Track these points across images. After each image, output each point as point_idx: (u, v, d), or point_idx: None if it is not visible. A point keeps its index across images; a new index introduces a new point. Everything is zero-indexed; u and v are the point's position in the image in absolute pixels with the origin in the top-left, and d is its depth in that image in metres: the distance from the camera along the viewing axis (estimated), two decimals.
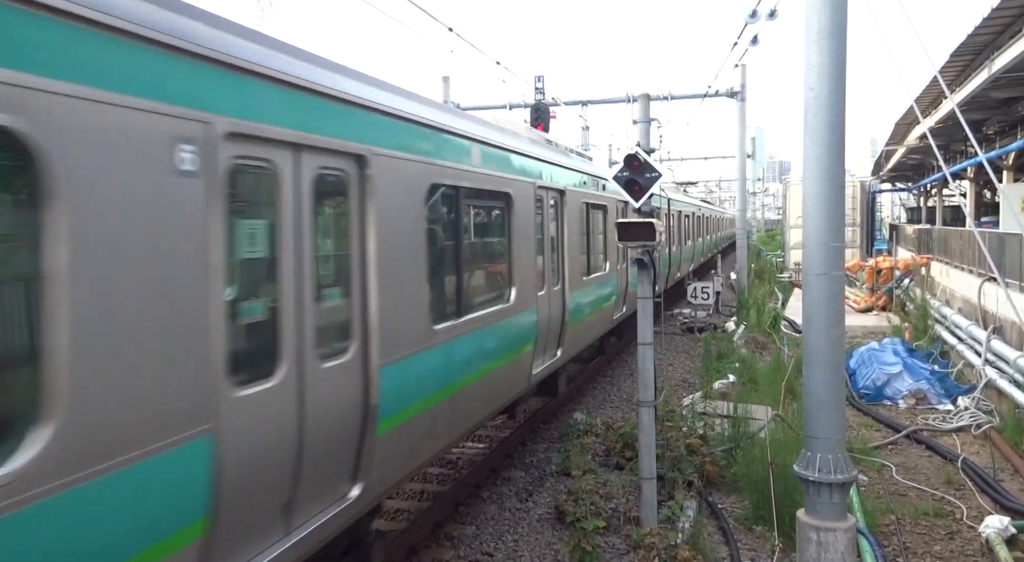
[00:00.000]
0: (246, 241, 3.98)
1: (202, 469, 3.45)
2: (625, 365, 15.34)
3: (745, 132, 26.69)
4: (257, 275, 4.09)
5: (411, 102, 5.77)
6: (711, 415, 10.52)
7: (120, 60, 3.07)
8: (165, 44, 3.29)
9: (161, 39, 3.26)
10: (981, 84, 16.53)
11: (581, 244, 10.77)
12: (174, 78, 3.35)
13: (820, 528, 5.47)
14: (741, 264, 26.62)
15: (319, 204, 4.48)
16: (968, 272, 16.96)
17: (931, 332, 17.37)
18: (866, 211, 37.71)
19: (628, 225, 7.13)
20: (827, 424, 5.61)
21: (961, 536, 7.81)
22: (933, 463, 10.09)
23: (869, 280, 25.37)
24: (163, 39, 3.27)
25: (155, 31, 3.23)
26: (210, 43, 3.59)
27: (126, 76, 3.08)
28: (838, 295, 5.73)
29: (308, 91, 4.31)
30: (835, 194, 5.64)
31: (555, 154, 10.00)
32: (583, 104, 27.07)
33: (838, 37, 5.53)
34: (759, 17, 13.62)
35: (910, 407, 12.83)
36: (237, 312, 3.85)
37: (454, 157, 6.32)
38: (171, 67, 3.33)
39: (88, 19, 2.91)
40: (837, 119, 5.55)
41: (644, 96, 8.02)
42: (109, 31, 3.01)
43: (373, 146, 4.93)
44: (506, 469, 9.30)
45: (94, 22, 2.94)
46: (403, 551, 6.81)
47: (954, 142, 26.14)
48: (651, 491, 7.25)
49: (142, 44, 3.17)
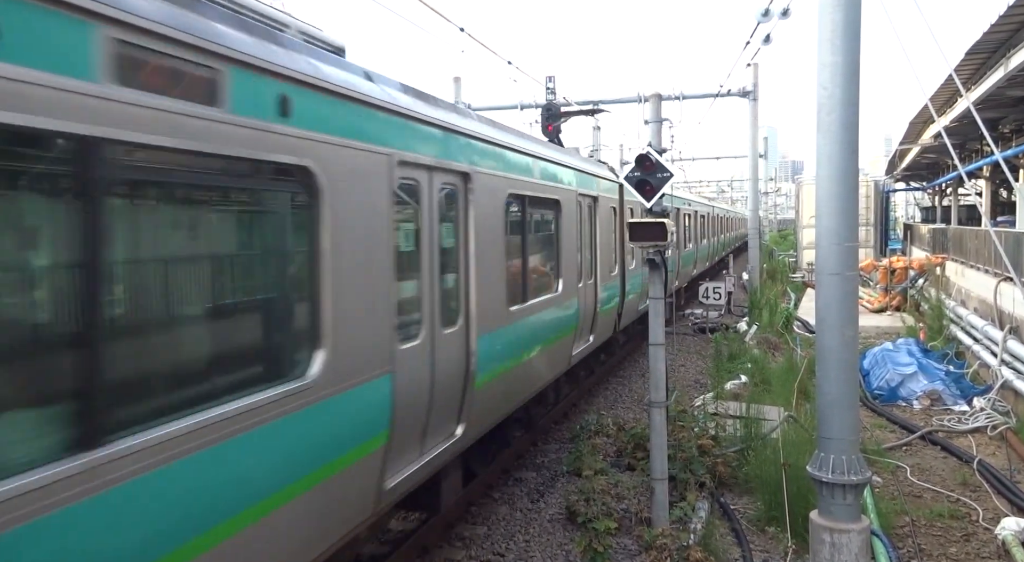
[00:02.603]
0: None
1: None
2: (636, 365, 15.30)
3: (757, 131, 26.60)
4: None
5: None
6: (723, 416, 10.48)
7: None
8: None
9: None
10: (997, 82, 16.38)
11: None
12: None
13: (834, 529, 5.43)
14: (753, 264, 26.51)
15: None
16: (984, 272, 16.80)
17: (946, 332, 17.21)
18: (880, 211, 37.41)
19: (640, 225, 7.11)
20: (841, 425, 5.58)
21: (977, 538, 7.73)
22: (948, 464, 10.00)
23: (883, 280, 25.17)
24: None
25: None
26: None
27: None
28: (851, 295, 5.70)
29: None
30: (849, 193, 5.61)
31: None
32: (594, 104, 27.03)
33: (852, 36, 5.50)
34: (772, 16, 13.57)
35: (925, 408, 12.72)
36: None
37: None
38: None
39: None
40: (851, 118, 5.52)
41: (655, 96, 8.00)
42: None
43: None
44: (518, 470, 9.30)
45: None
46: (416, 551, 6.83)
47: (969, 141, 25.91)
48: (663, 492, 7.24)
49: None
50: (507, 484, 8.83)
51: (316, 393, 4.14)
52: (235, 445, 3.51)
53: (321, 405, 4.17)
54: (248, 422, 3.61)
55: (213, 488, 3.41)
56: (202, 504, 3.34)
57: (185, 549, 3.24)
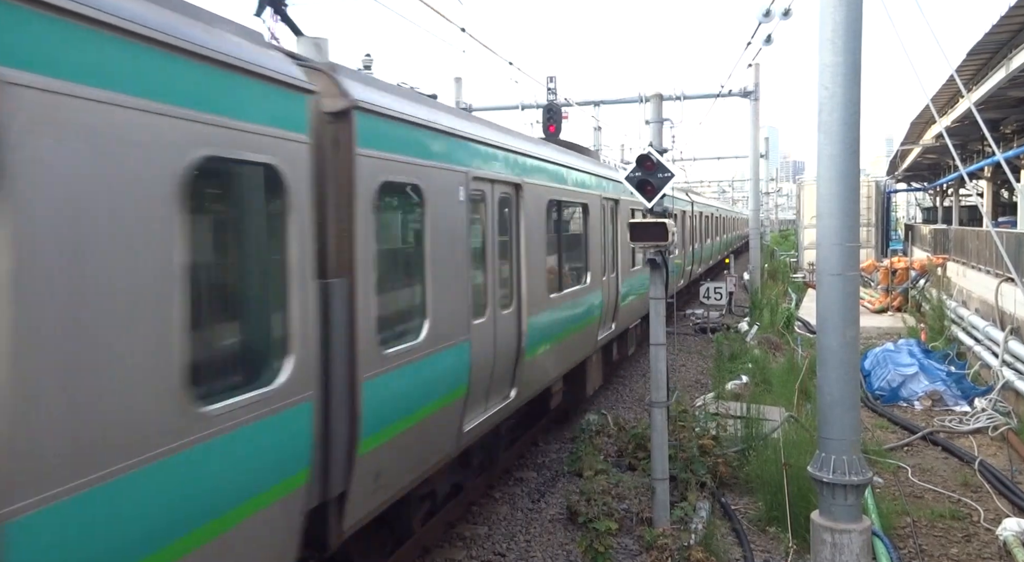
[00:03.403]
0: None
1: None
2: (638, 365, 15.30)
3: (758, 132, 26.59)
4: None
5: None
6: (724, 416, 10.47)
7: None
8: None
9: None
10: (998, 83, 16.36)
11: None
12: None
13: (835, 530, 5.43)
14: (754, 264, 26.48)
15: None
16: (985, 273, 16.79)
17: (947, 333, 17.20)
18: (881, 211, 37.36)
19: (640, 225, 7.10)
20: (841, 425, 5.58)
21: (978, 539, 7.73)
22: (950, 465, 10.00)
23: (884, 281, 25.15)
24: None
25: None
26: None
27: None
28: (853, 296, 5.70)
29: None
30: (850, 194, 5.61)
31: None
32: (595, 104, 27.03)
33: (853, 36, 5.49)
34: (773, 16, 13.57)
35: (926, 408, 12.72)
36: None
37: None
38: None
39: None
40: (852, 118, 5.52)
41: (656, 96, 8.00)
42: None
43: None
44: (518, 469, 9.31)
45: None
46: (417, 551, 6.83)
47: (971, 141, 25.87)
48: (664, 492, 7.24)
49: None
50: (508, 484, 8.83)
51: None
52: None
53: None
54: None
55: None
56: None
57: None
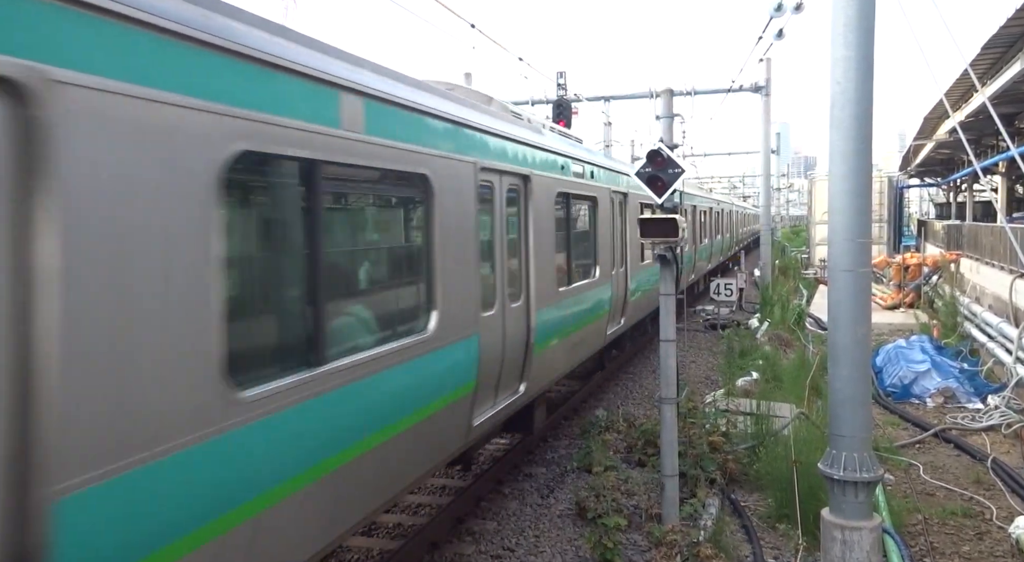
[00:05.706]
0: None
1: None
2: (647, 362, 15.27)
3: (770, 127, 26.42)
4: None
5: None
6: (734, 412, 10.43)
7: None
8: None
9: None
10: (1013, 77, 16.19)
11: None
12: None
13: (845, 527, 5.41)
14: (765, 260, 26.36)
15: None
16: (999, 269, 16.64)
17: (960, 329, 17.07)
18: (894, 207, 37.08)
19: (650, 221, 7.06)
20: (853, 422, 5.54)
21: (991, 537, 7.67)
22: (962, 462, 9.93)
23: (896, 277, 24.97)
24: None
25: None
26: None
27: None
28: (864, 292, 5.66)
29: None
30: (862, 189, 5.56)
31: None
32: (605, 100, 26.97)
33: (865, 30, 5.44)
34: (784, 10, 13.48)
35: (938, 406, 12.62)
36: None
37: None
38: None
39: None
40: (864, 113, 5.47)
41: (667, 91, 7.95)
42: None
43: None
44: (527, 465, 9.31)
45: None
46: (425, 546, 6.85)
47: (985, 136, 25.62)
48: (673, 488, 7.22)
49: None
50: (517, 479, 8.84)
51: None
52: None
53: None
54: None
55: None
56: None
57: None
